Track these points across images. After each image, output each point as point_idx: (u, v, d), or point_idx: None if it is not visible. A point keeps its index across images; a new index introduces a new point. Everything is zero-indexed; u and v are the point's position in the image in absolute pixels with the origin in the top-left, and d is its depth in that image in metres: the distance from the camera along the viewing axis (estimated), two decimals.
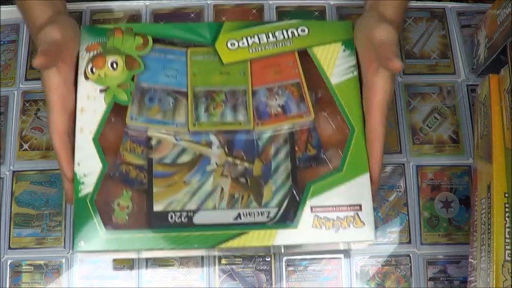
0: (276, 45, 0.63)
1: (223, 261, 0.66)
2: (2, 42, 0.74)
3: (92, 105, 0.59)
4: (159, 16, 0.76)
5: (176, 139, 0.59)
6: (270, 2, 0.77)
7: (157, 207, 0.57)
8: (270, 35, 0.63)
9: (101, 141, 0.58)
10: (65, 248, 0.67)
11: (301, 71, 0.62)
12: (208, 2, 0.76)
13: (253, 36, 0.63)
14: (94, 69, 0.60)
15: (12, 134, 0.70)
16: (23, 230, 0.67)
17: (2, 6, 0.75)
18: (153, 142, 0.59)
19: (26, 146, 0.70)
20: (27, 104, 0.71)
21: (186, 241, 0.56)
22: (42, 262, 0.66)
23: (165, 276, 0.66)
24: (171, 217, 0.56)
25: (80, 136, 0.58)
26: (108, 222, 0.56)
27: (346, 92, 0.60)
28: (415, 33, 0.75)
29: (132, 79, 0.60)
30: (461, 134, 0.71)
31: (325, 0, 0.77)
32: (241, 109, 0.60)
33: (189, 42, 0.63)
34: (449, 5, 0.77)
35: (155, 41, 0.62)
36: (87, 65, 0.60)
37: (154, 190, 0.57)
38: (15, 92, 0.72)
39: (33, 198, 0.68)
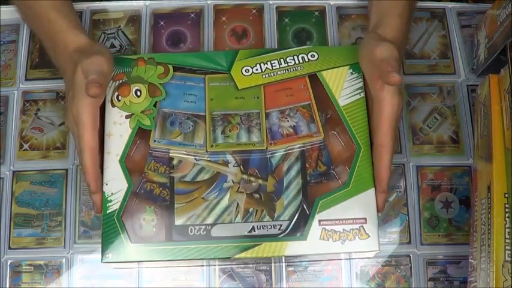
0: (288, 70, 0.66)
1: (224, 262, 0.66)
2: (2, 42, 0.74)
3: (118, 130, 0.64)
4: (159, 16, 0.76)
5: (196, 159, 0.63)
6: (270, 2, 0.77)
7: (178, 221, 0.61)
8: (282, 61, 0.67)
9: (126, 162, 0.63)
10: (64, 248, 0.67)
11: (311, 93, 0.66)
12: (208, 2, 0.76)
13: (266, 63, 0.67)
14: (120, 97, 0.64)
15: (12, 134, 0.70)
16: (23, 230, 0.67)
17: (2, 6, 0.75)
18: (175, 162, 0.63)
19: (26, 146, 0.70)
20: (27, 104, 0.71)
21: (204, 252, 0.60)
22: (42, 262, 0.66)
23: (165, 276, 0.66)
24: (191, 230, 0.61)
25: (107, 158, 0.63)
26: (133, 235, 0.61)
27: (354, 113, 0.64)
28: (415, 33, 0.75)
29: (155, 105, 0.65)
30: (461, 134, 0.71)
31: (325, 0, 0.77)
32: (256, 130, 0.64)
33: (207, 70, 0.67)
34: (449, 5, 0.77)
35: (175, 69, 0.66)
36: (113, 94, 0.65)
37: (175, 206, 0.62)
38: (15, 92, 0.72)
39: (33, 198, 0.68)
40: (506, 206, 0.55)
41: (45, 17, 0.65)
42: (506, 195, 0.55)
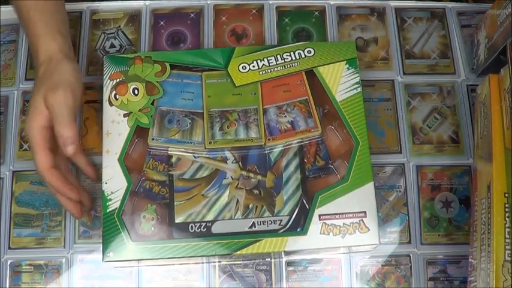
0: (284, 66, 0.67)
1: (223, 261, 0.66)
2: (2, 42, 0.74)
3: (116, 129, 0.64)
4: (159, 16, 0.76)
5: (194, 156, 0.64)
6: (270, 2, 0.77)
7: (179, 219, 0.62)
8: (279, 57, 0.67)
9: (125, 161, 0.63)
10: (64, 248, 0.67)
11: (308, 88, 0.66)
12: (208, 2, 0.76)
13: (263, 59, 0.67)
14: (117, 96, 0.65)
15: (12, 134, 0.70)
16: (23, 230, 0.67)
17: (2, 6, 0.75)
18: (173, 160, 0.64)
19: (26, 146, 0.70)
20: (27, 104, 0.71)
21: (205, 249, 0.60)
22: (42, 262, 0.66)
23: (165, 276, 0.66)
24: (191, 227, 0.61)
25: (106, 157, 0.63)
26: (134, 234, 0.61)
27: (351, 108, 0.65)
28: (415, 33, 0.76)
29: (152, 103, 0.65)
30: (461, 134, 0.71)
31: (325, 0, 0.77)
32: (253, 126, 0.64)
33: (204, 67, 0.67)
34: (449, 5, 0.77)
35: (172, 67, 0.66)
36: (110, 93, 0.65)
37: (175, 203, 0.62)
38: (15, 92, 0.72)
39: (33, 198, 0.68)
40: (506, 205, 0.55)
41: (26, 15, 0.63)
42: (506, 195, 0.55)
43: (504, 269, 0.53)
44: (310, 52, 0.67)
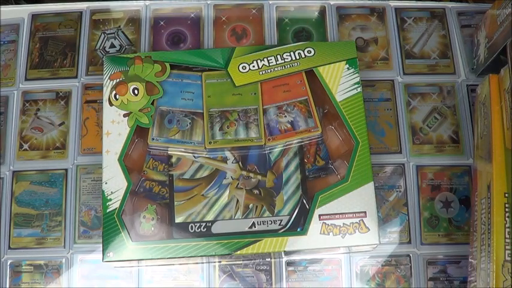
0: (284, 66, 0.67)
1: (223, 261, 0.66)
2: (2, 42, 0.74)
3: (116, 129, 0.64)
4: (159, 16, 0.76)
5: (194, 156, 0.64)
6: (270, 2, 0.77)
7: (179, 219, 0.62)
8: (279, 57, 0.67)
9: (125, 161, 0.63)
10: (64, 248, 0.67)
11: (308, 88, 0.66)
12: (208, 2, 0.76)
13: (263, 59, 0.67)
14: (117, 96, 0.65)
15: (12, 134, 0.70)
16: (23, 230, 0.67)
17: (2, 6, 0.75)
18: (173, 160, 0.64)
19: (26, 146, 0.70)
20: (27, 104, 0.71)
21: (205, 249, 0.60)
22: (42, 262, 0.66)
23: (165, 276, 0.66)
24: (191, 228, 0.61)
25: (106, 157, 0.63)
26: (134, 234, 0.61)
27: (351, 108, 0.65)
28: (415, 33, 0.76)
29: (152, 103, 0.65)
30: (461, 134, 0.71)
31: (325, 0, 0.77)
32: (253, 126, 0.65)
33: (204, 67, 0.67)
34: (449, 5, 0.77)
35: (172, 67, 0.67)
36: (110, 93, 0.65)
37: (175, 203, 0.62)
38: (15, 92, 0.72)
39: (33, 198, 0.68)
40: (506, 205, 0.55)
41: None
42: (506, 195, 0.56)
43: (504, 269, 0.53)
44: (310, 52, 0.67)
